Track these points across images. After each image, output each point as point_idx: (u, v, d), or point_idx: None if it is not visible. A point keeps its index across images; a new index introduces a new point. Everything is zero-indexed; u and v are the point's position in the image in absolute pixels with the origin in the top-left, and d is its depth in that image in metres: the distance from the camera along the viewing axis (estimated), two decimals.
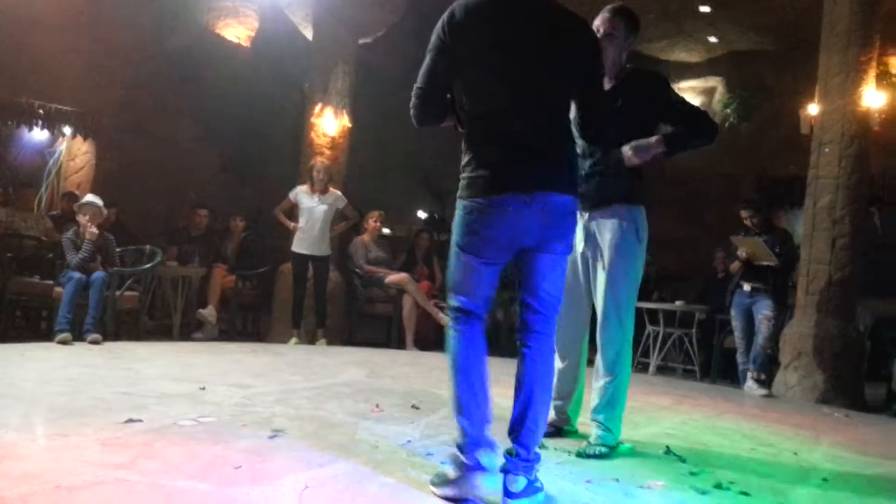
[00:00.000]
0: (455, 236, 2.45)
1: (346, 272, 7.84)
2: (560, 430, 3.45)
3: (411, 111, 2.47)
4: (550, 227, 2.39)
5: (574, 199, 2.45)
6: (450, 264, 2.51)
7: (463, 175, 2.44)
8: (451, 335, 2.44)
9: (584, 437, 3.32)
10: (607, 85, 3.31)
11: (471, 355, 2.41)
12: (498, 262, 2.44)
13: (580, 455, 3.09)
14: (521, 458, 2.32)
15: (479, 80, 2.43)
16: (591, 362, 3.44)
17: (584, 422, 3.39)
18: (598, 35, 3.25)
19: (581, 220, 3.29)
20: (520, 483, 2.30)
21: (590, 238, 3.30)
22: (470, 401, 2.36)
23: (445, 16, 2.41)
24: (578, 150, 3.31)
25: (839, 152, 5.85)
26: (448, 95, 2.48)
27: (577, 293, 3.39)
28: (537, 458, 2.38)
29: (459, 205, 2.44)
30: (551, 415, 3.42)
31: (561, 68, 2.44)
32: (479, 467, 2.34)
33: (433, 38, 2.43)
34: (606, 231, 3.24)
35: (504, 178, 2.35)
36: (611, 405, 3.26)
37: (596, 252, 3.28)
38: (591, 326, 3.44)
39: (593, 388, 3.30)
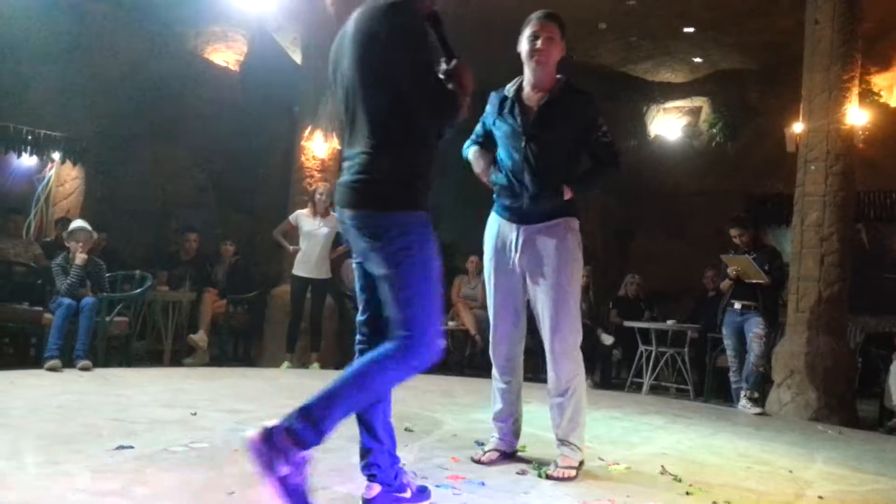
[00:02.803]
0: None
1: (337, 295, 7.81)
2: (507, 453, 3.31)
3: None
4: (352, 241, 2.39)
5: (363, 213, 2.28)
6: None
7: None
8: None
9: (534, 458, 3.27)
10: (538, 96, 3.20)
11: None
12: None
13: (542, 476, 3.00)
14: None
15: None
16: (535, 380, 3.36)
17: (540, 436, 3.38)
18: (537, 44, 3.12)
19: (517, 233, 3.19)
20: None
21: (530, 252, 3.17)
22: None
23: None
24: (507, 170, 3.21)
25: (825, 170, 5.91)
26: None
27: (514, 308, 3.26)
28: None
29: None
30: (495, 440, 3.32)
31: (360, 78, 2.31)
32: None
33: None
34: (551, 244, 3.14)
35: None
36: (573, 421, 3.15)
37: (539, 266, 3.15)
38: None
39: (550, 406, 3.20)
